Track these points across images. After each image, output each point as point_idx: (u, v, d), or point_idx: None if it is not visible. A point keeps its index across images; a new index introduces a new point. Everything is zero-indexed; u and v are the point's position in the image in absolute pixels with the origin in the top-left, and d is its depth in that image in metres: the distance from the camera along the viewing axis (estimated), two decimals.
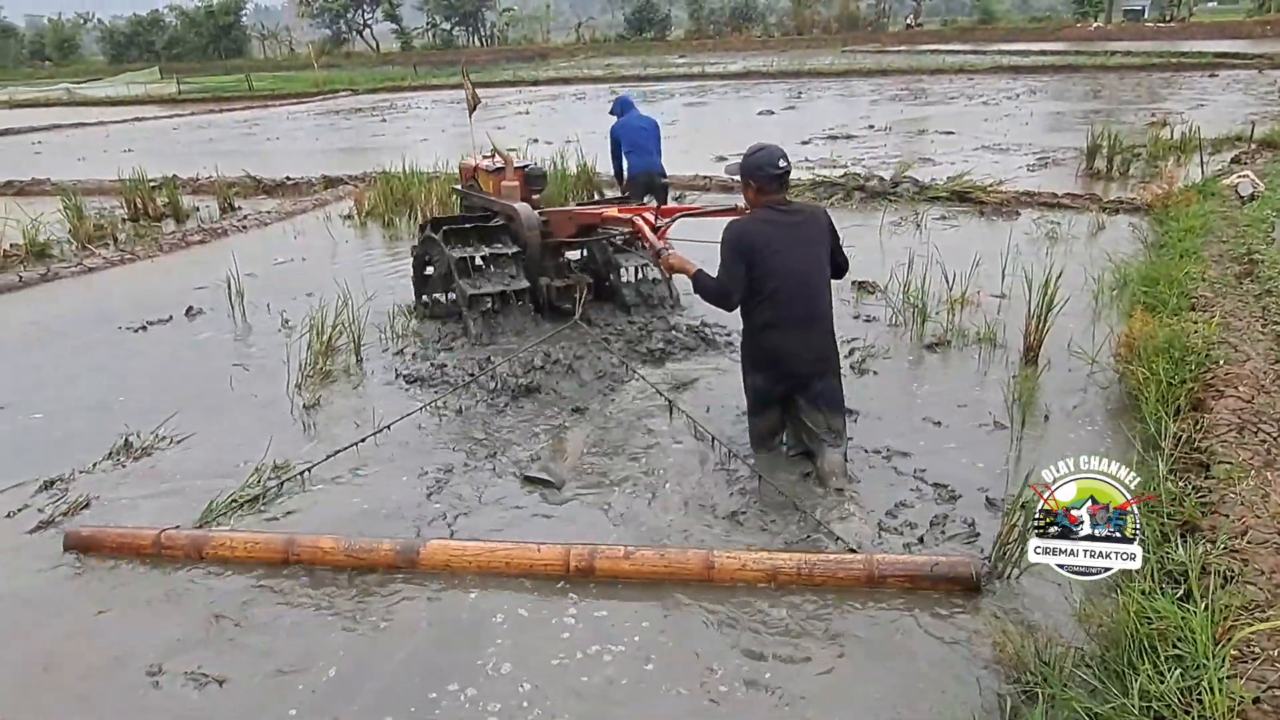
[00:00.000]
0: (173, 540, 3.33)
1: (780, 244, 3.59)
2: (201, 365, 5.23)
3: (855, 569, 3.01)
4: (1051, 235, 7.38)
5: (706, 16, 60.23)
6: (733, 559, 3.09)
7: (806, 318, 3.65)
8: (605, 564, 3.11)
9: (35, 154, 16.58)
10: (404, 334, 5.58)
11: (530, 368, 4.76)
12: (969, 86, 22.70)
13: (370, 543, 3.25)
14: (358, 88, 31.49)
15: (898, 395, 4.49)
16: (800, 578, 3.01)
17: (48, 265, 7.49)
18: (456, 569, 3.16)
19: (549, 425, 4.31)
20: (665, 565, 3.09)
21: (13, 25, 71.77)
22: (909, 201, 8.84)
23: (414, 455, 4.03)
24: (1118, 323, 5.03)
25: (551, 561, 3.13)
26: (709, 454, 3.93)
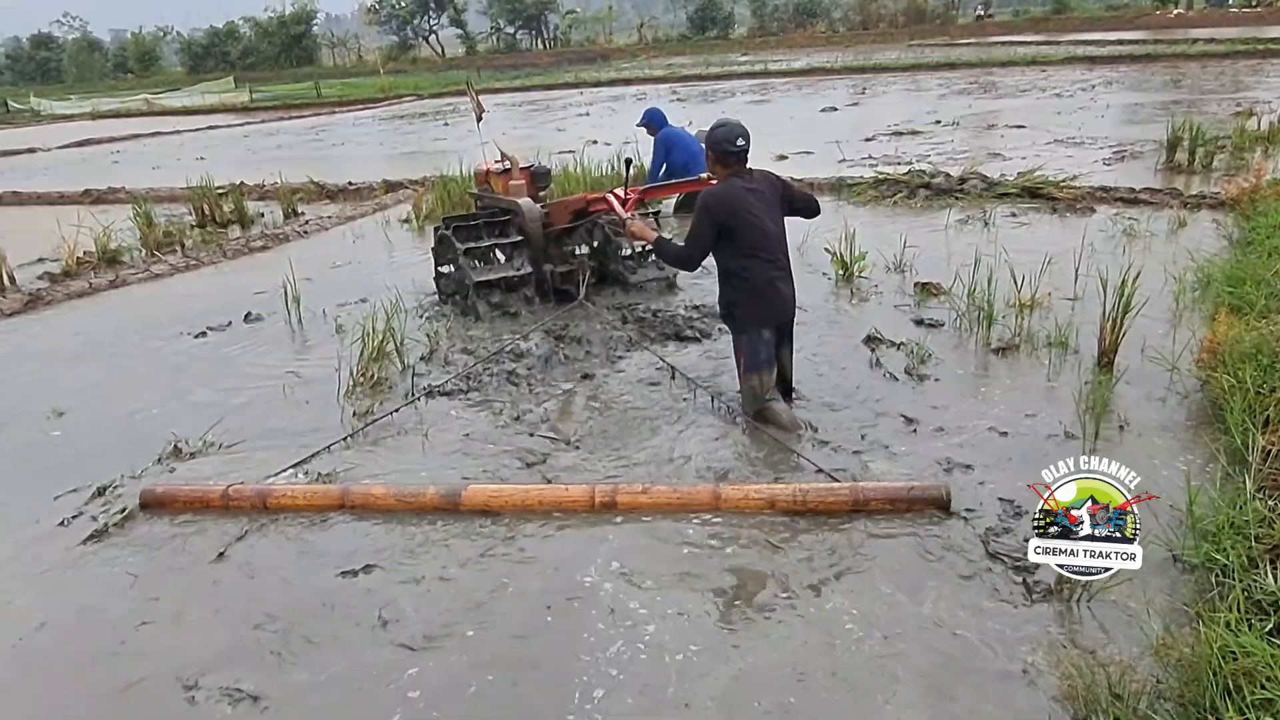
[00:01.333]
0: (240, 493, 3.68)
1: (755, 208, 4.06)
2: (256, 371, 5.27)
3: (843, 495, 3.38)
4: (1129, 233, 7.02)
5: (770, 14, 59.73)
6: (736, 490, 3.49)
7: (783, 268, 4.15)
8: (626, 498, 3.47)
9: (114, 163, 17.16)
10: (448, 335, 5.59)
11: (547, 340, 5.32)
12: (1041, 78, 21.98)
13: (417, 488, 3.63)
14: (422, 93, 31.93)
15: (960, 403, 4.27)
16: (796, 504, 3.38)
17: (116, 272, 7.68)
18: (494, 508, 3.52)
19: (561, 391, 4.74)
20: (678, 498, 3.46)
21: (99, 40, 74.89)
22: (976, 199, 8.53)
23: (448, 422, 4.42)
24: (1199, 326, 4.73)
25: (579, 498, 3.50)
26: (708, 410, 4.38)
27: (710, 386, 4.57)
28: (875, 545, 3.15)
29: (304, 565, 3.26)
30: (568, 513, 3.47)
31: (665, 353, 5.15)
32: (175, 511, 3.68)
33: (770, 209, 4.10)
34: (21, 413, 4.85)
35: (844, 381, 4.60)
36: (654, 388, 4.70)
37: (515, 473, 3.87)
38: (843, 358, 4.90)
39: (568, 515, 3.46)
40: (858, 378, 4.64)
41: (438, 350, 5.35)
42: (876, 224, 7.90)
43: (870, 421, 4.12)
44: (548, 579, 3.08)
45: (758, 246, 4.04)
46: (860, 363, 4.83)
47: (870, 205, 8.72)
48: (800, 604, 2.86)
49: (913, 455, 3.77)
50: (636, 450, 4.03)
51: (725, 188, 4.12)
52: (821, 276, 6.36)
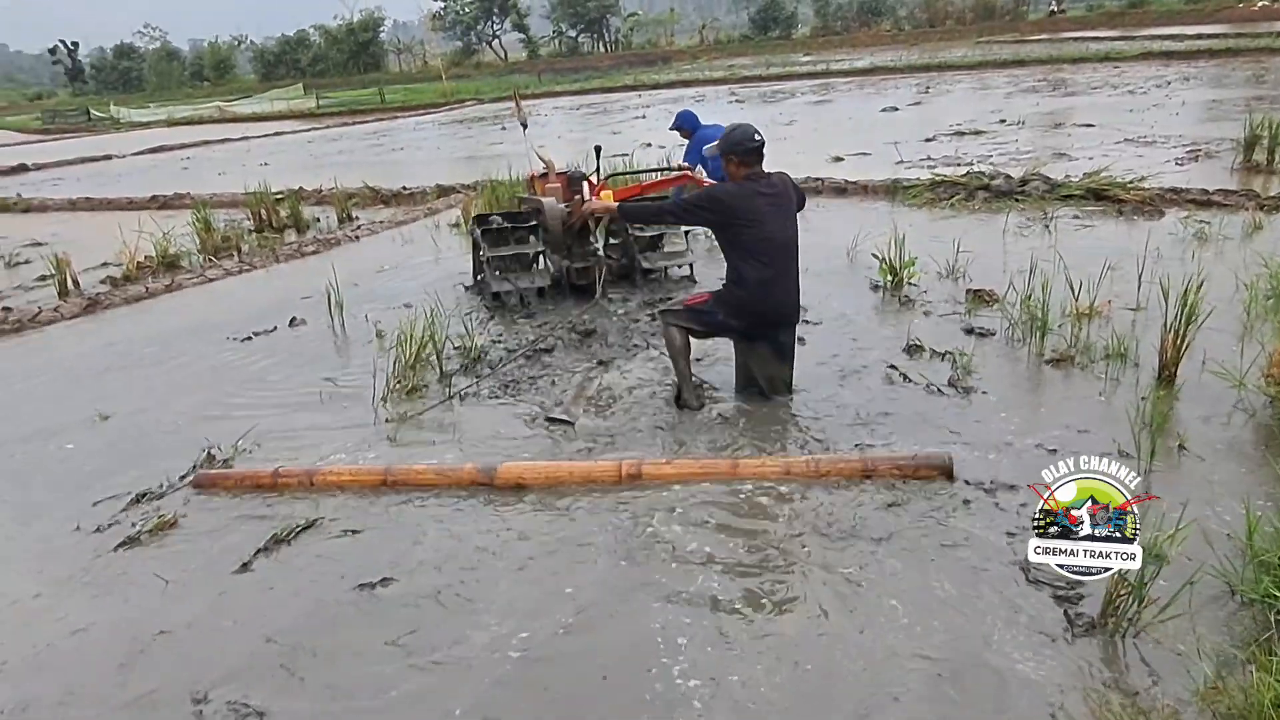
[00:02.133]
0: (288, 473, 3.90)
1: (763, 213, 4.12)
2: (296, 377, 5.30)
3: (853, 463, 3.58)
4: (1200, 236, 6.68)
5: (833, 13, 58.95)
6: (754, 460, 3.71)
7: (786, 274, 4.22)
8: (651, 470, 3.67)
9: (183, 169, 17.67)
10: (486, 334, 5.57)
11: (568, 335, 5.59)
12: (1114, 75, 21.24)
13: (455, 465, 3.87)
14: (483, 97, 32.28)
15: (1009, 418, 4.06)
16: (809, 472, 3.56)
17: (172, 276, 7.85)
18: (528, 483, 3.71)
19: (579, 376, 4.96)
20: (700, 468, 3.65)
21: (177, 49, 77.47)
22: (1038, 201, 8.21)
23: (477, 418, 4.55)
24: (1271, 338, 4.44)
25: (608, 471, 3.69)
26: (717, 392, 4.58)
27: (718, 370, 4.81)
28: (909, 563, 2.99)
29: (325, 577, 3.24)
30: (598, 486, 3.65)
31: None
32: (228, 491, 3.92)
33: (782, 212, 4.20)
34: (69, 416, 4.94)
35: (883, 393, 4.42)
36: (669, 373, 4.80)
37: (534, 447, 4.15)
38: (883, 368, 4.72)
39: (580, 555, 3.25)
40: (898, 389, 4.46)
41: (475, 352, 5.31)
42: (931, 228, 7.66)
43: (908, 434, 3.94)
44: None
45: (758, 251, 4.14)
46: (902, 375, 4.65)
47: (926, 208, 8.46)
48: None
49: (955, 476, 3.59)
50: (647, 432, 4.22)
51: (738, 187, 4.21)
52: (868, 283, 6.17)
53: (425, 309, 6.19)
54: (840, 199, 9.26)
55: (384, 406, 4.72)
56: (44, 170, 19.55)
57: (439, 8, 64.92)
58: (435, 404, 4.70)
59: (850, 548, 3.14)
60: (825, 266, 6.69)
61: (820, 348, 5.08)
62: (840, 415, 4.19)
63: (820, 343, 5.17)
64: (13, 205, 14.13)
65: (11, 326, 6.72)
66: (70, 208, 13.66)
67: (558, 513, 3.53)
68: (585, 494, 3.64)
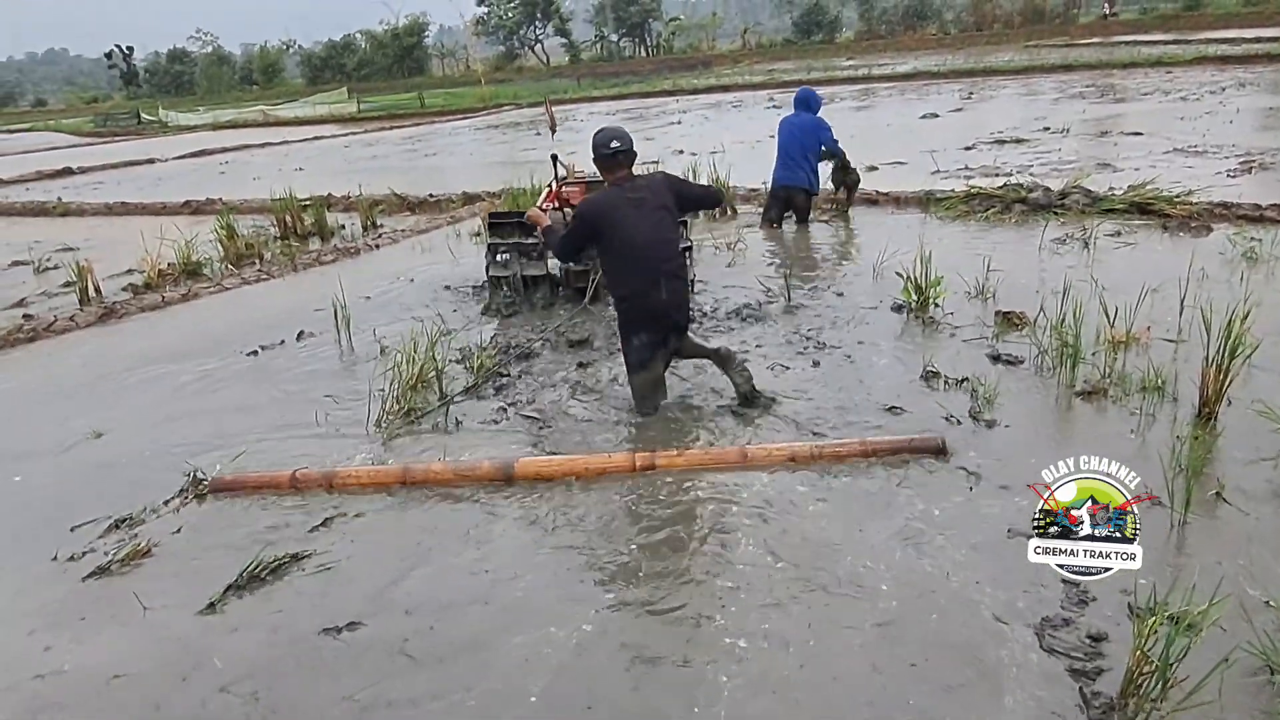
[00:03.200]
0: (307, 476, 3.95)
1: (630, 217, 4.19)
2: (296, 395, 5.17)
3: (854, 447, 3.81)
4: (1249, 256, 6.29)
5: (878, 16, 58.22)
6: (761, 449, 3.88)
7: (662, 277, 4.21)
8: (664, 461, 3.83)
9: (220, 173, 17.81)
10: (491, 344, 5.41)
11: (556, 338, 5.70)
12: (1166, 81, 20.57)
13: (473, 462, 3.96)
14: (520, 102, 32.29)
15: (1032, 457, 3.76)
16: (813, 457, 3.78)
17: (189, 285, 7.80)
18: (546, 477, 3.83)
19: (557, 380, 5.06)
20: (710, 459, 3.83)
21: (229, 54, 78.93)
22: (1078, 215, 7.85)
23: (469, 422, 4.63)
24: None
25: (622, 464, 3.84)
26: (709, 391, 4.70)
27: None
28: (912, 633, 2.75)
29: (294, 619, 3.07)
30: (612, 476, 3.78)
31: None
32: (245, 495, 3.93)
33: (652, 215, 4.23)
34: (64, 433, 4.86)
35: (895, 425, 4.16)
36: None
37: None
38: (897, 396, 4.45)
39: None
40: (914, 419, 4.19)
41: (481, 373, 5.14)
42: (963, 243, 7.35)
43: (921, 472, 3.68)
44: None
45: (632, 256, 4.20)
46: (917, 402, 4.38)
47: (959, 221, 8.14)
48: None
49: (966, 514, 3.33)
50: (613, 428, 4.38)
51: (601, 196, 4.35)
52: (891, 302, 5.89)
53: (431, 325, 6.09)
54: (871, 210, 8.97)
55: (379, 430, 4.56)
56: (88, 174, 19.84)
57: (482, 12, 65.33)
58: (430, 409, 4.65)
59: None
60: (848, 285, 6.43)
61: (834, 374, 4.82)
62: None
63: (834, 369, 4.91)
64: (52, 209, 14.32)
65: (25, 335, 6.70)
66: (107, 212, 13.79)
67: (553, 550, 3.34)
68: (583, 530, 3.45)
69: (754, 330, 5.67)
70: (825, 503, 3.51)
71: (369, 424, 4.60)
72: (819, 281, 6.58)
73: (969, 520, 3.31)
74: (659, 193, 4.33)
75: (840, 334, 5.45)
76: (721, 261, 7.43)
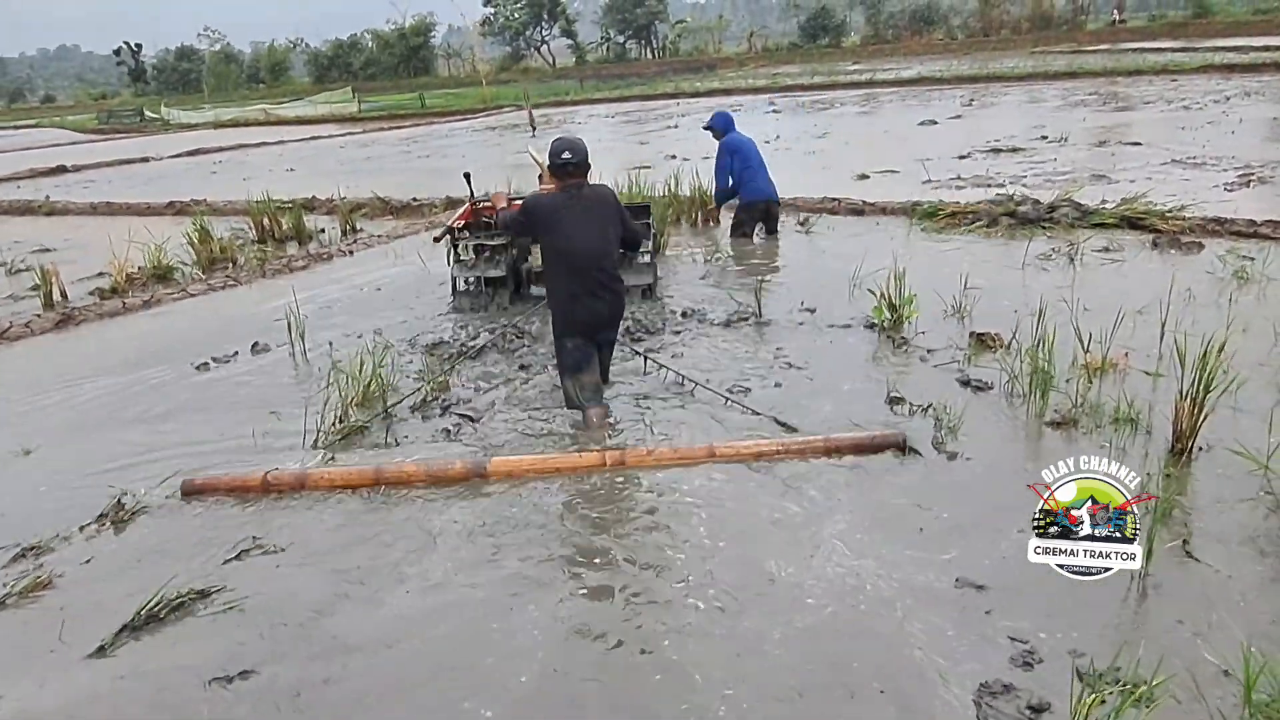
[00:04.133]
0: (279, 479, 3.91)
1: (569, 223, 4.28)
2: (241, 412, 4.95)
3: (817, 444, 3.90)
4: (1240, 275, 6.05)
5: (885, 21, 57.90)
6: (729, 446, 3.94)
7: (598, 284, 4.30)
8: (634, 459, 3.89)
9: (211, 173, 17.64)
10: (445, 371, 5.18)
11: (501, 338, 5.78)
12: (1170, 89, 20.30)
13: (446, 462, 3.96)
14: (521, 103, 32.06)
15: (989, 493, 3.56)
16: (779, 453, 3.87)
17: (154, 290, 7.61)
18: (517, 476, 3.86)
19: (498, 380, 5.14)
20: (679, 455, 3.91)
21: (236, 53, 78.92)
22: (1067, 229, 7.62)
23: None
24: None
25: (593, 463, 3.89)
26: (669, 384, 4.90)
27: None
28: None
29: (186, 666, 2.87)
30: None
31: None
32: (217, 496, 3.90)
33: (591, 225, 4.31)
34: None
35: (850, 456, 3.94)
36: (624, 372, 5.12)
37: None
38: (858, 423, 4.22)
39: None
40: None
41: (430, 389, 4.96)
42: (944, 258, 7.12)
43: (870, 513, 3.46)
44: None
45: (565, 261, 4.30)
46: (880, 428, 4.16)
47: (944, 234, 7.91)
48: None
49: (911, 564, 3.11)
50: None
51: (547, 198, 4.47)
52: (865, 319, 5.67)
53: (386, 336, 5.91)
54: (855, 221, 8.75)
55: (315, 450, 4.36)
56: (82, 172, 19.70)
57: (488, 13, 65.20)
58: (370, 444, 4.36)
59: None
60: (823, 300, 6.20)
61: (795, 397, 4.60)
62: (796, 483, 3.73)
63: (797, 391, 4.70)
64: (37, 208, 14.18)
65: None
66: (91, 212, 13.64)
67: (468, 589, 3.14)
68: (527, 556, 3.24)
69: (721, 346, 5.46)
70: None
71: (305, 443, 4.40)
72: (793, 296, 6.36)
73: (911, 577, 3.09)
74: (605, 206, 4.41)
75: (808, 353, 5.24)
76: (695, 273, 7.22)
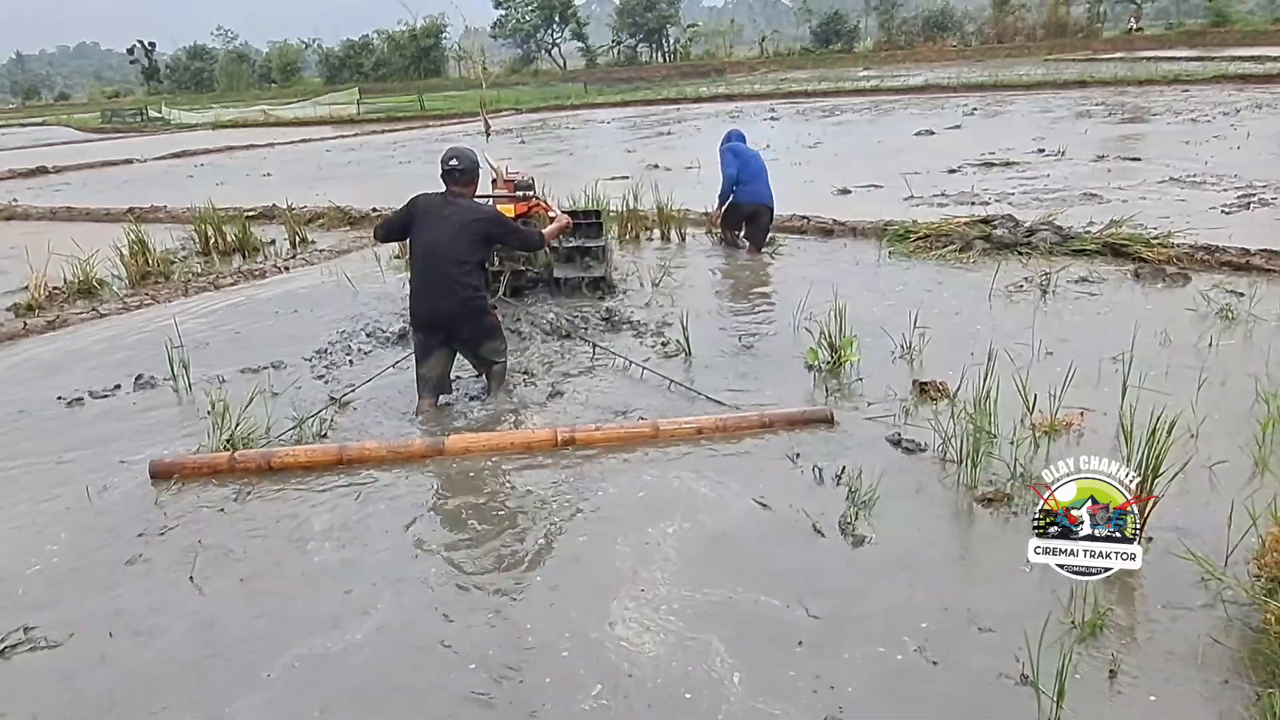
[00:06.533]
0: (245, 458, 4.08)
1: (429, 225, 4.59)
2: (89, 457, 4.45)
3: (753, 419, 4.21)
4: (1225, 315, 5.47)
5: (898, 27, 57.13)
6: (671, 423, 4.20)
7: (435, 285, 4.57)
8: (583, 435, 4.16)
9: (188, 177, 17.17)
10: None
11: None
12: (1179, 100, 19.60)
13: (406, 441, 4.22)
14: (521, 107, 31.63)
15: (890, 592, 3.00)
16: (719, 429, 4.15)
17: (57, 312, 7.13)
18: (474, 452, 4.10)
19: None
20: (625, 433, 4.18)
21: (247, 53, 78.90)
22: (1044, 256, 7.04)
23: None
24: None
25: (545, 439, 4.15)
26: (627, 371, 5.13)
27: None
28: None
29: None
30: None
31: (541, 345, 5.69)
32: (185, 478, 4.02)
33: (452, 231, 4.54)
34: None
35: (745, 534, 3.39)
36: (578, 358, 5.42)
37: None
38: (763, 491, 3.68)
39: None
40: (764, 528, 3.43)
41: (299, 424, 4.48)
42: (908, 286, 6.57)
43: (746, 614, 2.91)
44: None
45: (422, 259, 4.61)
46: (783, 498, 3.61)
47: (913, 259, 7.33)
48: None
49: (772, 690, 2.55)
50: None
51: (427, 196, 4.73)
52: (804, 361, 5.10)
53: (279, 373, 5.41)
54: (822, 244, 8.18)
55: (157, 509, 3.85)
56: (62, 174, 19.31)
57: (499, 15, 64.84)
58: (218, 500, 3.82)
59: None
60: (764, 336, 5.67)
61: (698, 452, 4.06)
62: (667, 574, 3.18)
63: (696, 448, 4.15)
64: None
65: None
66: (50, 217, 13.20)
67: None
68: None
69: (639, 390, 4.91)
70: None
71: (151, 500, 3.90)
72: (733, 330, 5.83)
73: (784, 694, 2.54)
74: (473, 219, 4.63)
75: (734, 397, 4.68)
76: (639, 299, 6.68)
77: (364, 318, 6.54)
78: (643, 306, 6.46)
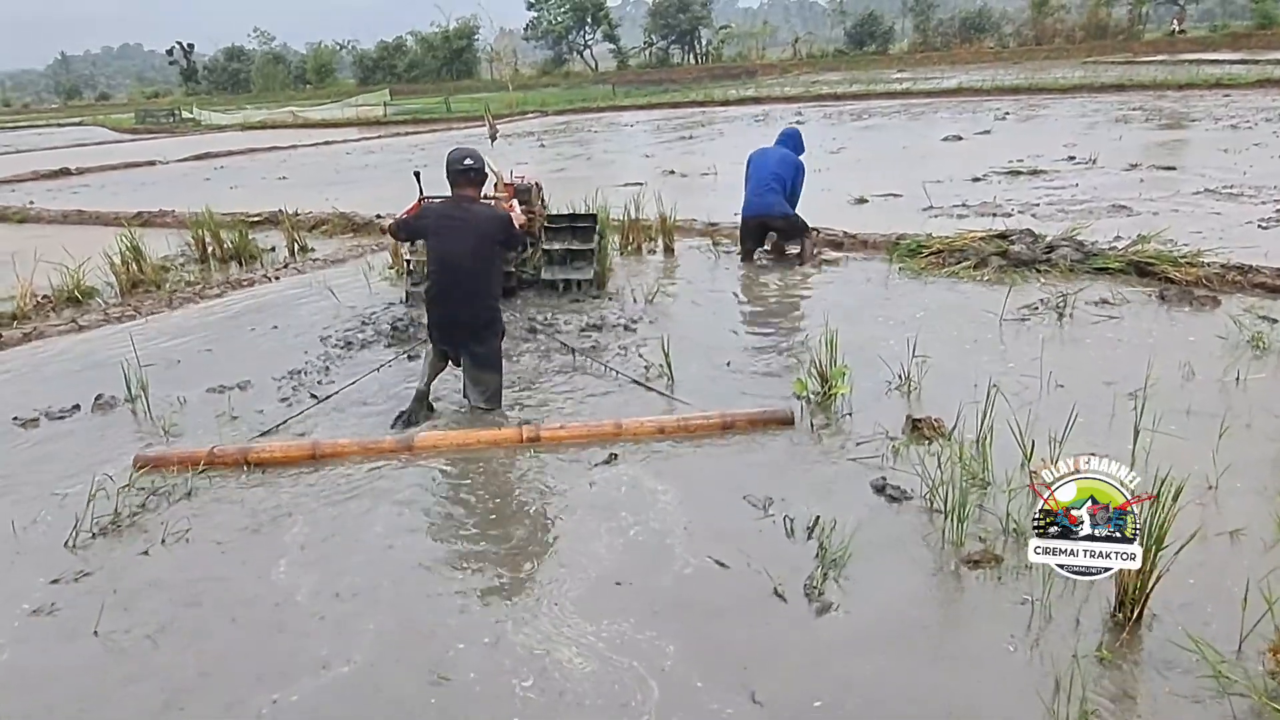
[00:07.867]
0: (223, 452, 4.20)
1: (445, 233, 4.56)
2: (27, 486, 4.23)
3: (715, 420, 4.26)
4: (1257, 344, 5.03)
5: (934, 28, 56.26)
6: (634, 422, 4.26)
7: (456, 294, 4.55)
8: (548, 434, 4.22)
9: (205, 180, 17.13)
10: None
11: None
12: (1220, 105, 18.89)
13: (377, 439, 4.29)
14: (547, 109, 31.42)
15: (859, 669, 2.66)
16: (680, 429, 4.22)
17: (36, 324, 6.96)
18: (442, 449, 4.17)
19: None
20: (589, 431, 4.23)
21: (283, 53, 79.69)
22: (1064, 274, 6.61)
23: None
24: None
25: (510, 436, 4.22)
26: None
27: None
28: None
29: None
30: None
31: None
32: (167, 470, 4.12)
33: (467, 237, 4.51)
34: None
35: (701, 595, 3.06)
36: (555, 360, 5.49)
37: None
38: (725, 542, 3.35)
39: None
40: (724, 589, 3.09)
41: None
42: (915, 307, 6.17)
43: (691, 692, 2.58)
44: None
45: (434, 264, 4.64)
46: (749, 552, 3.27)
47: (924, 276, 6.93)
48: None
49: None
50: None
51: (439, 204, 4.75)
52: (789, 393, 4.73)
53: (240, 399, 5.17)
54: (830, 258, 7.78)
55: (75, 552, 3.60)
56: (84, 175, 19.37)
57: (531, 17, 64.88)
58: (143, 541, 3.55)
59: None
60: (753, 363, 5.31)
61: (662, 500, 3.72)
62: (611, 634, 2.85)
63: (672, 482, 3.81)
64: (12, 215, 13.76)
65: None
66: (62, 220, 13.17)
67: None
68: None
69: (614, 398, 4.59)
70: None
71: (68, 540, 3.64)
72: (720, 353, 5.48)
73: None
74: (485, 223, 4.58)
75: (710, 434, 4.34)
76: (630, 313, 6.36)
77: (340, 335, 6.27)
78: (632, 322, 6.14)
